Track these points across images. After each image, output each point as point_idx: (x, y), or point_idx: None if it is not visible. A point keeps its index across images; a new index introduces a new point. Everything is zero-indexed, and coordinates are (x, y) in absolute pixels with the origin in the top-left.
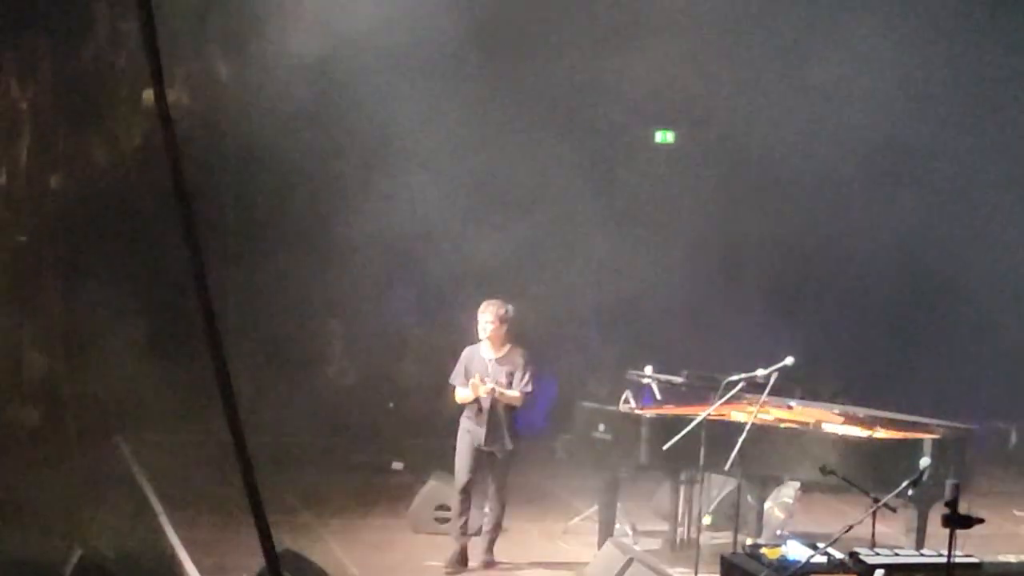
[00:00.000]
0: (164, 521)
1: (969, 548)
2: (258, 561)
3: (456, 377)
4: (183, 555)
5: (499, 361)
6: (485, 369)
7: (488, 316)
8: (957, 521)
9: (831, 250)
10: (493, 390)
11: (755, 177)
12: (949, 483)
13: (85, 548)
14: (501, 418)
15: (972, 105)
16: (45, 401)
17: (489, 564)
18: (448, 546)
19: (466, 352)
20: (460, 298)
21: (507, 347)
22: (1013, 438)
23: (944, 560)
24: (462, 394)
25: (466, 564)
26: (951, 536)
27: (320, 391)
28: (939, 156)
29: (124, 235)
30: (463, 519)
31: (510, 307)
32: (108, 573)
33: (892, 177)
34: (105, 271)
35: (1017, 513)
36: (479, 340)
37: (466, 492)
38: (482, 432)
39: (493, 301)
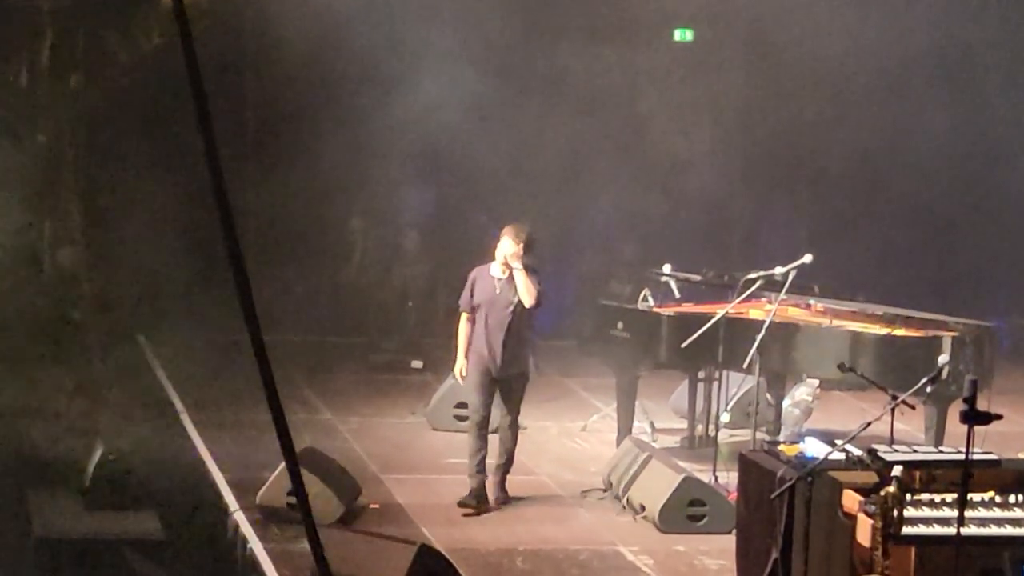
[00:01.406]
0: (185, 419)
1: (989, 446)
2: (280, 458)
3: (464, 303)
4: (204, 453)
5: (508, 281)
6: (493, 289)
7: (509, 243)
8: (975, 417)
9: (852, 147)
10: (510, 259)
11: (777, 74)
12: (967, 379)
13: (107, 445)
14: (521, 339)
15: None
16: (67, 300)
17: (503, 502)
18: (466, 444)
19: (474, 272)
20: (480, 198)
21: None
22: None
23: (962, 457)
24: (465, 329)
25: (486, 502)
26: (969, 433)
27: (340, 290)
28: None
29: (144, 135)
30: (480, 455)
31: (530, 231)
32: (129, 469)
33: (923, 79)
34: (126, 171)
35: None
36: (493, 262)
37: (482, 428)
38: (499, 355)
39: (514, 225)
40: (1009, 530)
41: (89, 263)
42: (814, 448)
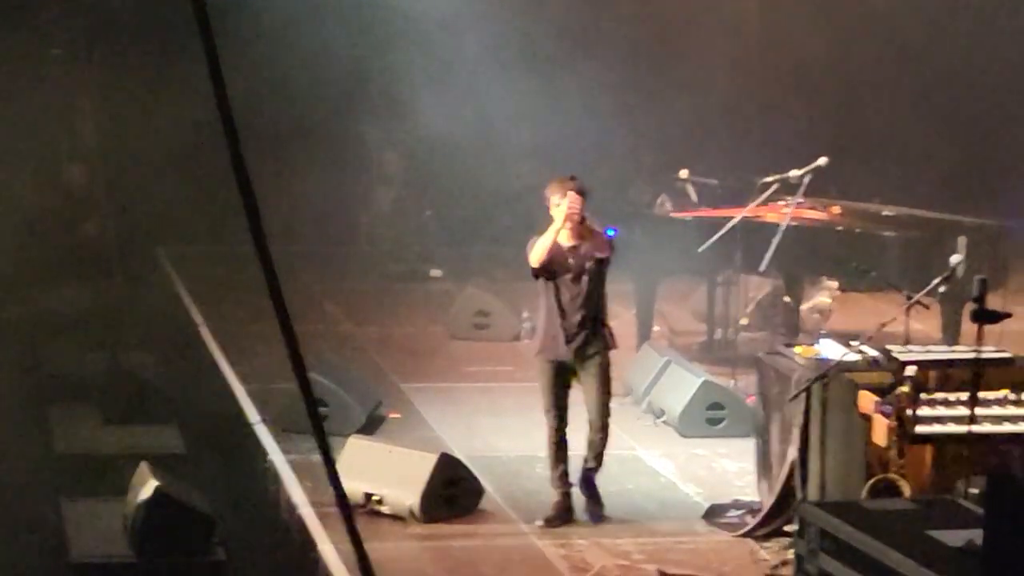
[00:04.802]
0: (205, 332)
1: (1007, 344)
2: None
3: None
4: (223, 364)
5: (576, 249)
6: (566, 260)
7: (570, 198)
8: (985, 316)
9: (877, 47)
10: (583, 217)
11: None
12: (976, 279)
13: (124, 360)
14: (599, 309)
15: None
16: (85, 214)
17: (597, 517)
18: (487, 354)
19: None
20: (499, 106)
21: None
22: None
23: (974, 356)
24: (540, 245)
25: (571, 516)
26: (979, 331)
27: (359, 199)
28: None
29: (155, 50)
30: (560, 468)
31: (580, 180)
32: (144, 382)
33: None
34: (140, 84)
35: None
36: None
37: (559, 431)
38: (575, 334)
39: (564, 178)
40: (1022, 427)
41: (106, 177)
42: (830, 350)
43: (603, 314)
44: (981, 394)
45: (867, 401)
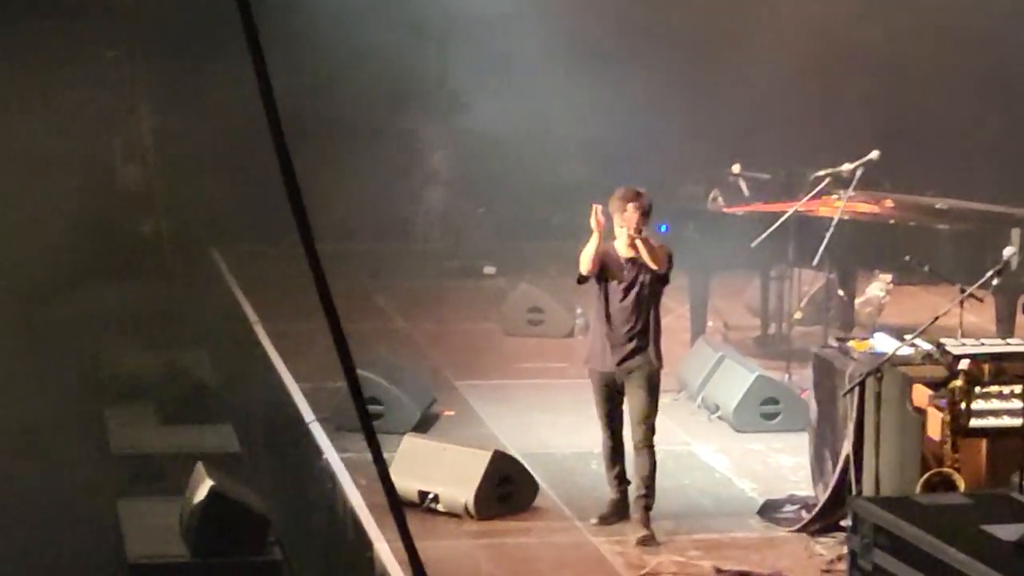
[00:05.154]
0: (260, 331)
1: None
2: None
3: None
4: (278, 362)
5: (634, 262)
6: (621, 271)
7: (630, 211)
8: None
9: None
10: (640, 230)
11: None
12: None
13: (180, 360)
14: (647, 325)
15: None
16: (140, 215)
17: (648, 542)
18: (541, 350)
19: (601, 251)
20: (552, 102)
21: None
22: None
23: None
24: (584, 254)
25: (626, 513)
26: None
27: (412, 197)
28: None
29: (209, 50)
30: (616, 468)
31: (648, 196)
32: (199, 381)
33: None
34: (194, 84)
35: None
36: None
37: (614, 442)
38: (620, 348)
39: (629, 190)
40: None
41: (161, 177)
42: (884, 344)
43: (654, 330)
44: None
45: (921, 395)
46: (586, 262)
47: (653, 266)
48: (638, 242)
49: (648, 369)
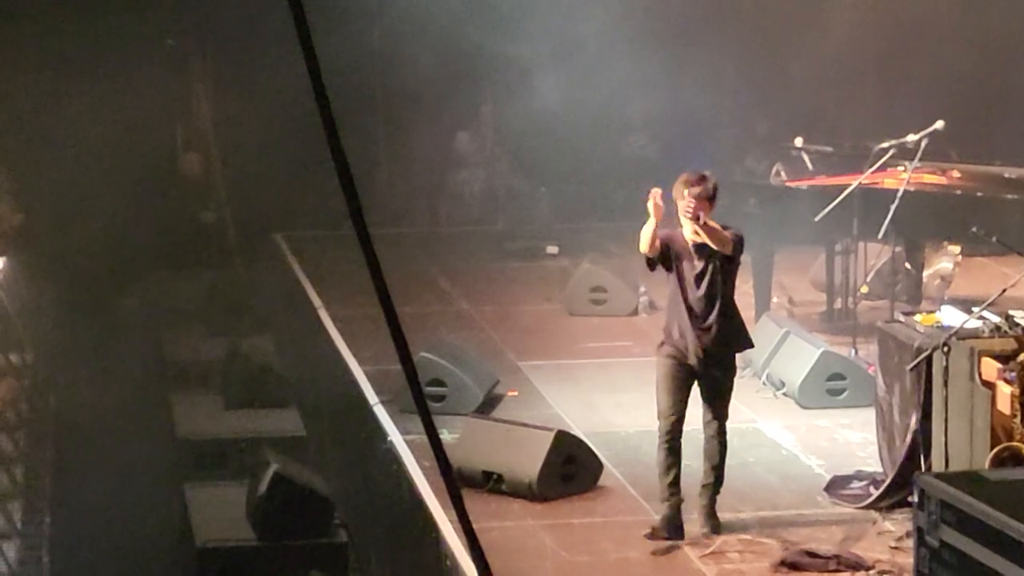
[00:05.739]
0: (323, 315)
1: None
2: (417, 350)
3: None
4: (343, 348)
5: (701, 246)
6: (692, 258)
7: (688, 197)
8: None
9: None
10: (697, 216)
11: None
12: None
13: (244, 346)
14: (727, 312)
15: None
16: (202, 203)
17: (714, 531)
18: (604, 329)
19: (666, 233)
20: (612, 79)
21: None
22: None
23: None
24: (643, 235)
25: (681, 532)
26: None
27: (473, 180)
28: None
29: (268, 34)
30: (672, 473)
31: (713, 180)
32: (263, 366)
33: None
34: (254, 69)
35: None
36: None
37: (674, 437)
38: (700, 338)
39: (691, 180)
40: None
41: (222, 164)
42: (951, 317)
43: (734, 313)
44: None
45: (990, 368)
46: (644, 242)
47: (719, 249)
48: (698, 228)
49: (730, 362)
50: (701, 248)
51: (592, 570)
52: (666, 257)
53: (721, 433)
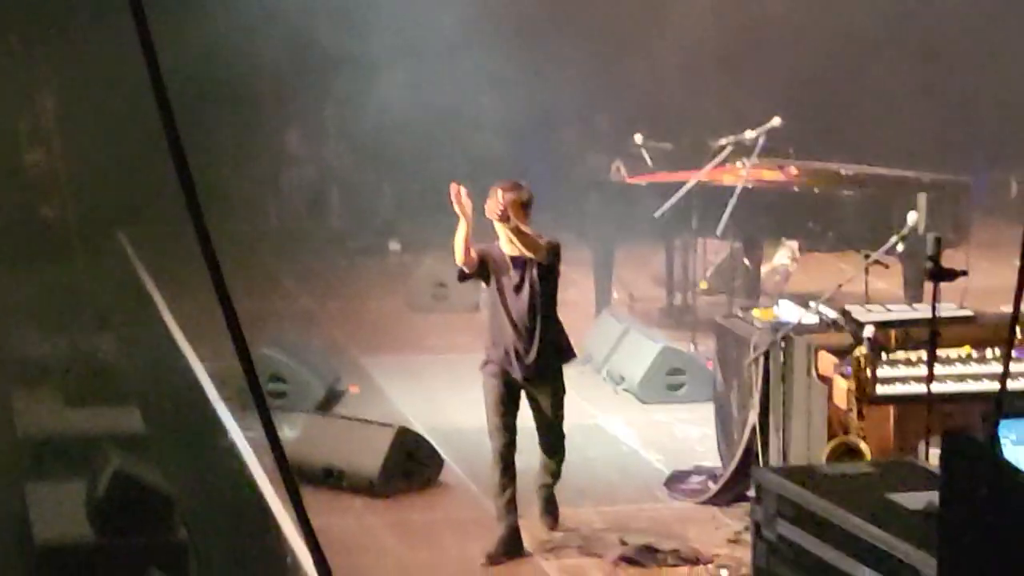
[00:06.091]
0: (165, 312)
1: (970, 301)
2: (254, 347)
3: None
4: (183, 343)
5: (520, 259)
6: (508, 267)
7: (496, 198)
8: (940, 274)
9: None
10: (504, 211)
11: None
12: (930, 236)
13: (84, 343)
14: (548, 321)
15: None
16: (44, 198)
17: (556, 521)
18: (447, 325)
19: (483, 248)
20: (455, 78)
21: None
22: (1014, 188)
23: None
24: (455, 244)
25: (520, 549)
26: (935, 289)
27: (315, 174)
28: None
29: (111, 31)
30: (507, 494)
31: (528, 188)
32: (104, 363)
33: None
34: (96, 66)
35: (1017, 264)
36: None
37: (507, 456)
38: (523, 349)
39: (505, 187)
40: (986, 385)
41: (65, 160)
42: (788, 312)
43: (556, 329)
44: (942, 352)
45: (827, 363)
46: (459, 252)
47: (529, 254)
48: (501, 228)
49: (557, 375)
50: (517, 259)
51: (433, 567)
52: (484, 270)
53: (558, 437)
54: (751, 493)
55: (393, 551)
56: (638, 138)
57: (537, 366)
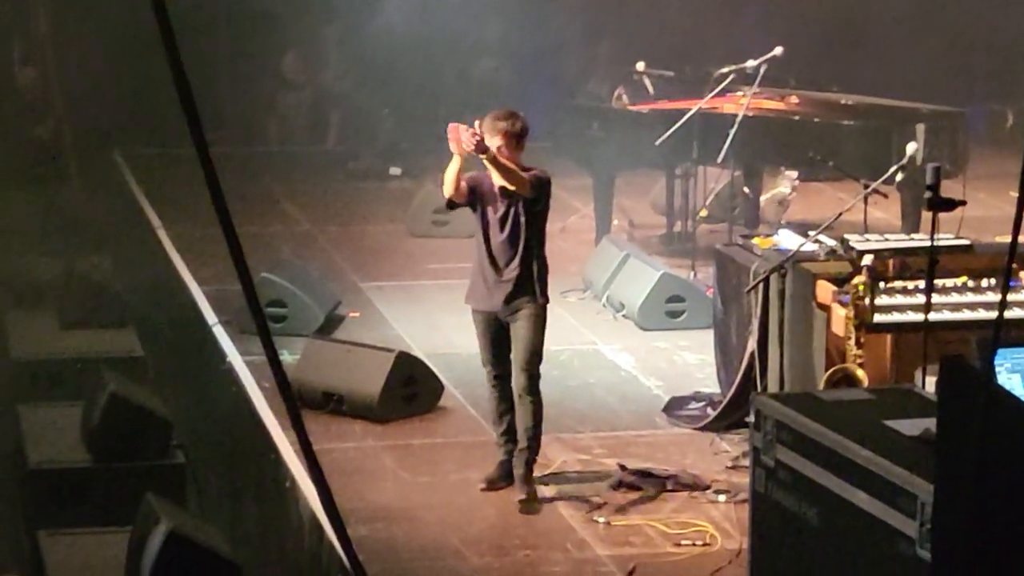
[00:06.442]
0: (162, 234)
1: (967, 231)
2: (259, 270)
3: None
4: (182, 268)
5: (507, 191)
6: (495, 198)
7: (494, 135)
8: (939, 204)
9: None
10: (480, 142)
11: None
12: (930, 166)
13: (80, 265)
14: (527, 257)
15: None
16: (38, 118)
17: (532, 496)
18: (447, 251)
19: (474, 176)
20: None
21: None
22: (1010, 120)
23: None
24: (446, 175)
25: (510, 478)
26: (934, 219)
27: (317, 98)
28: None
29: None
30: (506, 420)
31: (522, 119)
32: (100, 286)
33: None
34: None
35: (1014, 195)
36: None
37: (502, 384)
38: (502, 285)
39: (499, 115)
40: (981, 314)
41: (60, 79)
42: (788, 240)
43: (539, 266)
44: (939, 282)
45: (825, 291)
46: (448, 185)
47: (516, 190)
48: (486, 162)
49: (533, 308)
50: (505, 191)
51: (433, 490)
52: (473, 200)
53: (532, 391)
54: (749, 419)
55: (393, 475)
56: (640, 65)
57: (510, 303)
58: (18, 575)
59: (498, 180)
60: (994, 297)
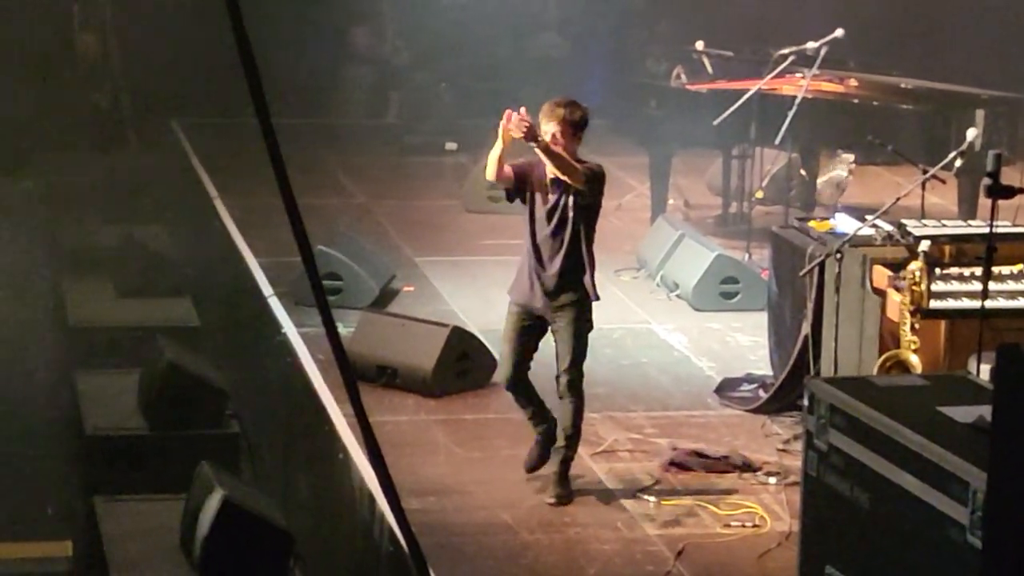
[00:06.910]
0: (219, 204)
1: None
2: (315, 242)
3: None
4: (237, 237)
5: (560, 182)
6: (545, 189)
7: (551, 121)
8: (998, 191)
9: None
10: (530, 128)
11: None
12: (991, 153)
13: (138, 233)
14: (577, 255)
15: None
16: (98, 84)
17: (564, 498)
18: (502, 226)
19: (522, 163)
20: None
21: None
22: None
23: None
24: (489, 159)
25: (547, 456)
26: (993, 206)
27: (375, 72)
28: None
29: None
30: (529, 410)
31: (584, 109)
32: (158, 255)
33: None
34: None
35: None
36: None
37: (514, 383)
38: (547, 280)
39: (559, 102)
40: None
41: (119, 47)
42: (844, 224)
43: (588, 262)
44: (995, 269)
45: (881, 276)
46: (489, 168)
47: (566, 179)
48: (537, 150)
49: (579, 308)
50: (557, 183)
51: (484, 466)
52: (523, 190)
53: (573, 390)
54: (802, 403)
55: (446, 449)
56: (699, 45)
57: (553, 301)
58: (73, 541)
59: (550, 170)
60: None
